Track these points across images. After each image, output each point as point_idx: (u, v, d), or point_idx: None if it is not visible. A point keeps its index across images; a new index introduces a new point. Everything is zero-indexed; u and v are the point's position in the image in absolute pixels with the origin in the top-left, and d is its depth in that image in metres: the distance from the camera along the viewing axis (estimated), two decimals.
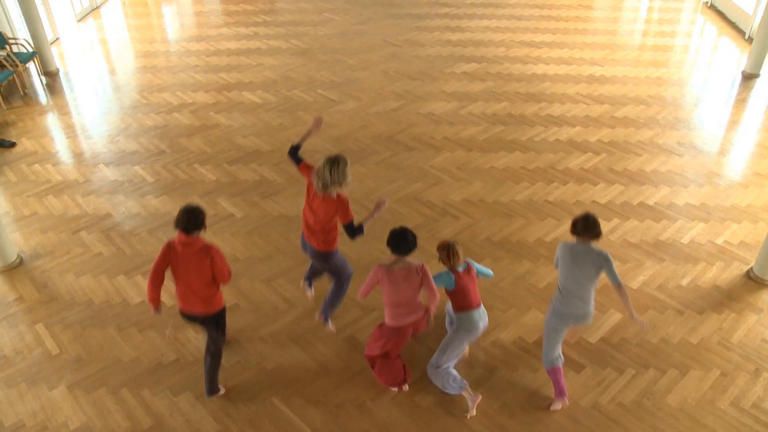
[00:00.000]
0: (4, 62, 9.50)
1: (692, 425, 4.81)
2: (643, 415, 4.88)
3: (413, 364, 5.27)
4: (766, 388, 5.09)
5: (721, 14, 12.74)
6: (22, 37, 10.47)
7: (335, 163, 4.69)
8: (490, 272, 5.24)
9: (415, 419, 4.87)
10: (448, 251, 4.76)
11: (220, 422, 4.87)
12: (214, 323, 4.76)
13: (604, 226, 6.83)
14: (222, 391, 5.08)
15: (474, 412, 4.85)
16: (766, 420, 4.83)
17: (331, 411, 4.93)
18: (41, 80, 10.34)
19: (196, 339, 5.56)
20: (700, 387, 5.11)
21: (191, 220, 4.37)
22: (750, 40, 11.39)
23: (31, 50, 10.25)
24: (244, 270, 6.29)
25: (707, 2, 13.23)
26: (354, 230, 4.84)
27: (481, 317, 4.88)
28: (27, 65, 10.20)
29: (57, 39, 11.80)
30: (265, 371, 5.28)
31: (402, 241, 4.53)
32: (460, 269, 4.81)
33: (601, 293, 5.98)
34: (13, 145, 8.46)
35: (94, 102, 9.68)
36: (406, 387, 5.04)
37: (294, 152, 5.18)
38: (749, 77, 10.15)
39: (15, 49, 10.18)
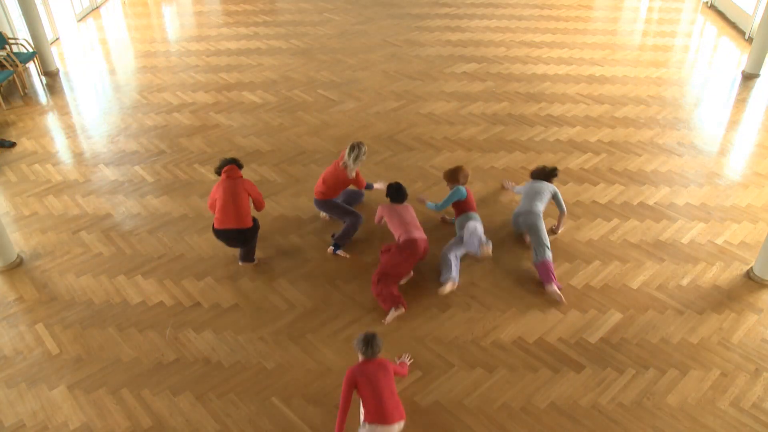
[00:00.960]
0: (4, 62, 9.50)
1: (692, 425, 4.81)
2: (643, 415, 4.89)
3: (415, 362, 5.29)
4: (766, 388, 5.09)
5: (721, 14, 12.74)
6: (22, 37, 10.48)
7: (352, 149, 6.21)
8: None
9: (415, 419, 4.87)
10: (461, 171, 6.50)
11: (220, 422, 4.87)
12: (247, 237, 6.03)
13: (604, 226, 6.85)
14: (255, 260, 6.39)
15: (446, 292, 5.81)
16: (766, 420, 4.84)
17: (331, 411, 4.93)
18: (41, 80, 10.35)
19: (196, 339, 5.57)
20: (700, 387, 5.11)
21: (232, 161, 6.07)
22: (750, 40, 11.40)
23: (31, 50, 10.25)
24: (244, 270, 6.30)
25: (707, 2, 13.22)
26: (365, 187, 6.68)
27: (479, 219, 6.28)
28: (27, 65, 10.21)
29: (57, 39, 11.80)
30: (265, 371, 5.28)
31: (398, 193, 6.08)
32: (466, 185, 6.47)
33: (601, 293, 6.00)
34: (13, 145, 8.47)
35: (94, 102, 9.68)
36: (402, 309, 5.66)
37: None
38: (749, 77, 10.15)
39: (15, 49, 10.18)
